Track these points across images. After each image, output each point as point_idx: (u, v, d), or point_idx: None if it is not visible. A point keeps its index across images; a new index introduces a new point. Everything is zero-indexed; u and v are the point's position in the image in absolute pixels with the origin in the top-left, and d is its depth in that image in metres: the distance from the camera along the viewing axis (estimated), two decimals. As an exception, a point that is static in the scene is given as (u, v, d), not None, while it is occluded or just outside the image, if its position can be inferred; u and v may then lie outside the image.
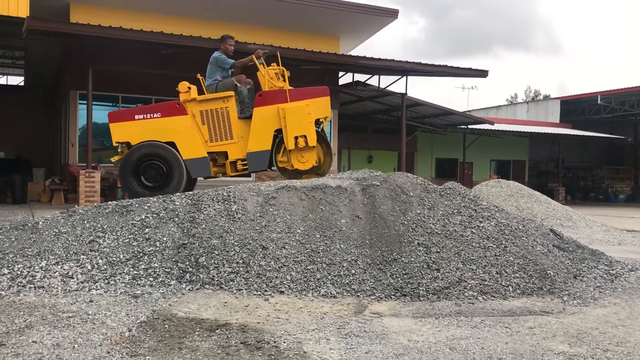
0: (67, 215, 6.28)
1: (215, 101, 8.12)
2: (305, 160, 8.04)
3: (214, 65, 8.50)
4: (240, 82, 8.40)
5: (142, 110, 8.18)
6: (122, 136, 8.08)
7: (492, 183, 16.42)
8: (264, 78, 8.19)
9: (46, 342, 3.79)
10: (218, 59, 8.48)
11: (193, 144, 8.02)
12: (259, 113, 8.00)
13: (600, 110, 30.81)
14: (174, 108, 8.06)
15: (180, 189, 7.80)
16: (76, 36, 13.26)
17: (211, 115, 8.08)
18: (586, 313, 5.19)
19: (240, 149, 8.15)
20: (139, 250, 5.60)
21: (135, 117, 8.05)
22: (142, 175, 7.97)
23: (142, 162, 7.95)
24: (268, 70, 8.22)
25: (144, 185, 7.95)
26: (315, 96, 8.12)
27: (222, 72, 8.46)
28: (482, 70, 18.10)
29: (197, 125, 8.08)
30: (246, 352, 3.77)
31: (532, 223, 7.18)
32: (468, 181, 27.11)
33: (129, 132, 8.04)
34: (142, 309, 4.68)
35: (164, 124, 8.00)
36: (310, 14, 17.87)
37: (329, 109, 8.18)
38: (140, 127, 8.01)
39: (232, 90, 8.17)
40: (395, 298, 5.35)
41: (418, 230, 6.18)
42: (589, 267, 6.55)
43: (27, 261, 5.41)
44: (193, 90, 8.13)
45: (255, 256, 5.57)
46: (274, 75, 8.23)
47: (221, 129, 8.09)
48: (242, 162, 8.18)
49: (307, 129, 7.89)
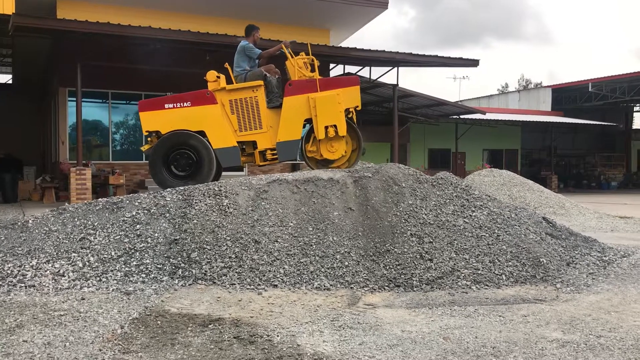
0: (57, 213, 6.22)
1: (244, 90, 8.07)
2: (335, 150, 8.03)
3: (242, 55, 8.42)
4: (269, 71, 8.35)
5: (172, 99, 8.11)
6: (152, 125, 7.99)
7: (484, 172, 16.45)
8: (293, 67, 8.14)
9: (37, 341, 3.76)
10: (246, 47, 8.40)
11: (223, 133, 7.96)
12: (288, 102, 7.96)
13: (592, 98, 30.91)
14: (204, 97, 7.99)
15: (210, 178, 7.74)
16: (63, 32, 13.14)
17: (240, 104, 8.03)
18: (579, 300, 5.20)
19: (269, 138, 8.09)
20: (130, 247, 5.56)
21: (165, 106, 7.96)
22: (172, 164, 7.92)
23: (172, 151, 7.89)
24: (297, 59, 8.17)
25: (173, 174, 7.91)
26: (345, 85, 8.10)
27: (250, 62, 8.40)
28: (473, 60, 18.08)
29: (227, 115, 8.03)
30: (239, 347, 3.75)
31: (524, 211, 7.19)
32: (461, 171, 27.15)
33: (159, 121, 7.96)
34: (134, 305, 4.65)
35: (194, 112, 7.93)
36: (300, 6, 17.79)
37: (359, 99, 8.15)
38: (171, 116, 7.93)
39: (261, 79, 8.12)
40: (389, 289, 5.35)
41: (411, 221, 6.17)
42: (582, 254, 6.57)
43: (17, 260, 5.36)
44: (222, 79, 8.07)
45: (247, 250, 5.54)
46: (302, 65, 8.18)
47: (250, 119, 8.04)
48: (272, 151, 8.13)
49: (338, 119, 7.88)
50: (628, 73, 27.62)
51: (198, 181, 7.39)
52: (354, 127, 8.22)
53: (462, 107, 25.57)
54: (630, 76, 27.49)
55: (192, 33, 13.91)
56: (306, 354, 3.62)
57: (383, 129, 26.52)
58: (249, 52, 8.38)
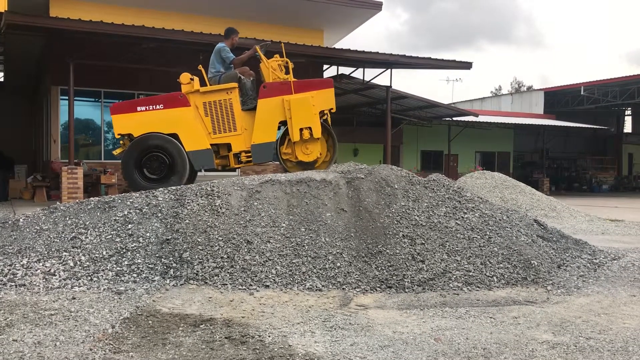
0: (48, 212, 6.19)
1: (218, 93, 8.04)
2: (310, 152, 8.02)
3: (217, 57, 8.39)
4: (243, 73, 8.33)
5: (144, 101, 8.08)
6: (124, 128, 7.96)
7: (477, 175, 16.51)
8: (267, 70, 8.12)
9: (27, 340, 3.74)
10: (222, 50, 8.36)
11: (196, 135, 7.94)
12: (263, 105, 7.95)
13: (584, 101, 31.08)
14: (177, 99, 7.97)
15: (183, 181, 7.73)
16: (56, 31, 13.08)
17: (214, 106, 8.00)
18: (570, 302, 5.23)
19: (244, 140, 8.08)
20: (122, 247, 5.54)
21: (137, 108, 7.93)
22: (144, 167, 7.88)
23: (144, 154, 7.86)
24: (271, 62, 8.16)
25: (146, 178, 7.87)
26: (319, 88, 8.10)
27: (224, 65, 8.39)
28: (466, 62, 18.14)
29: (200, 117, 8.00)
30: (231, 347, 3.75)
31: (516, 214, 7.22)
32: (453, 173, 27.24)
33: (131, 124, 7.93)
34: (125, 305, 4.64)
35: (167, 115, 7.91)
36: (294, 7, 17.79)
37: (334, 101, 8.15)
38: (143, 118, 7.90)
39: (235, 82, 8.10)
40: (381, 290, 5.36)
41: (403, 222, 6.18)
42: (573, 256, 6.60)
43: (7, 259, 5.33)
44: (196, 81, 8.04)
45: (239, 251, 5.54)
46: (277, 67, 8.17)
47: (224, 121, 8.02)
48: (246, 153, 8.12)
49: (312, 121, 7.87)
50: (620, 77, 27.81)
51: (171, 184, 7.35)
52: (328, 129, 8.19)
53: (455, 109, 25.64)
54: (622, 80, 27.67)
55: (185, 32, 13.88)
56: (298, 354, 3.62)
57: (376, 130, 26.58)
58: (224, 55, 8.34)
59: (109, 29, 13.10)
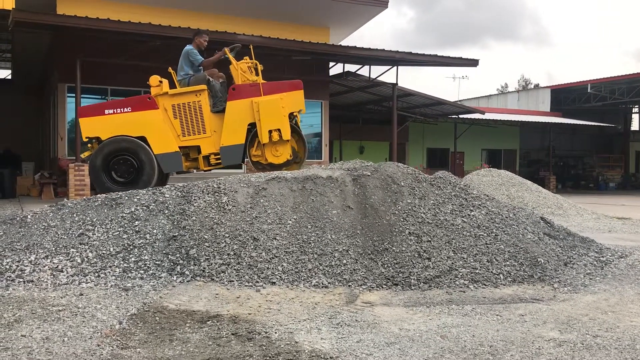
0: (56, 208, 6.23)
1: (187, 95, 8.01)
2: (280, 154, 7.97)
3: (185, 59, 8.36)
4: (212, 76, 8.29)
5: (112, 104, 8.06)
6: (92, 131, 7.93)
7: (483, 172, 16.47)
8: (237, 72, 8.09)
9: (36, 335, 3.77)
10: (190, 53, 8.33)
11: (164, 138, 7.91)
12: (232, 107, 7.91)
13: (591, 99, 30.96)
14: (145, 102, 7.94)
15: (151, 184, 7.66)
16: (63, 28, 13.14)
17: (183, 109, 7.97)
18: (576, 300, 5.21)
19: (213, 143, 8.04)
20: (129, 243, 5.56)
21: (105, 111, 7.90)
22: (112, 170, 7.85)
23: (112, 158, 7.83)
24: (240, 64, 8.12)
25: (114, 181, 7.84)
26: (288, 90, 8.05)
27: (193, 67, 8.35)
28: (472, 60, 18.11)
29: (169, 120, 7.97)
30: (237, 343, 3.76)
31: (522, 211, 7.21)
32: (459, 171, 27.19)
33: (98, 127, 7.90)
34: (132, 301, 4.66)
35: (135, 118, 7.87)
36: (300, 4, 17.78)
37: (303, 103, 8.10)
38: (111, 121, 7.86)
39: (204, 84, 8.08)
40: (387, 287, 5.36)
41: (409, 220, 6.18)
42: (580, 254, 6.59)
43: (15, 255, 5.36)
44: (165, 83, 8.01)
45: (246, 247, 5.55)
46: (247, 69, 8.12)
47: (194, 123, 7.99)
48: (216, 156, 8.08)
49: (281, 123, 7.83)
50: (627, 74, 27.66)
51: (139, 187, 7.29)
52: (298, 131, 8.17)
53: (461, 106, 25.60)
54: (629, 77, 27.52)
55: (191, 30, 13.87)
56: (304, 350, 3.63)
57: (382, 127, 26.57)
58: (192, 58, 8.32)
59: (115, 27, 13.16)
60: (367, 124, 28.08)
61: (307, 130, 19.97)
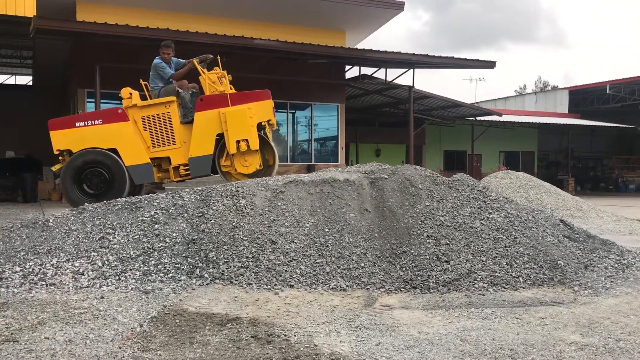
0: (77, 212, 6.31)
1: (157, 107, 8.06)
2: (249, 164, 7.98)
3: (155, 73, 8.40)
4: (182, 87, 8.32)
5: (83, 117, 8.13)
6: (62, 144, 8.00)
7: (501, 174, 16.36)
8: (205, 82, 8.11)
9: (58, 338, 3.82)
10: (158, 66, 8.37)
11: (135, 150, 7.95)
12: (200, 117, 7.94)
13: (610, 100, 30.60)
14: (116, 114, 8.00)
15: (122, 195, 7.65)
16: (83, 34, 13.30)
17: (153, 120, 8.02)
18: (598, 303, 5.16)
19: (182, 154, 8.08)
20: (148, 247, 5.62)
21: (76, 124, 7.97)
22: (84, 183, 7.90)
23: (83, 170, 7.88)
24: (209, 74, 8.13)
25: (85, 193, 7.88)
26: (257, 99, 8.05)
27: (163, 80, 8.38)
28: (489, 62, 17.99)
29: (139, 131, 8.01)
30: (257, 346, 3.78)
31: (541, 214, 7.15)
32: (477, 173, 27.02)
33: (69, 140, 7.97)
34: (152, 304, 4.70)
35: (106, 130, 7.93)
36: (316, 8, 17.82)
37: (271, 112, 8.09)
38: (81, 134, 7.93)
39: (174, 95, 8.10)
40: (405, 290, 5.35)
41: (427, 223, 6.16)
42: (600, 257, 6.51)
43: (38, 259, 5.44)
44: (135, 95, 8.06)
45: (264, 250, 5.58)
46: (216, 79, 8.13)
47: (163, 135, 8.02)
48: (185, 167, 8.11)
49: (249, 133, 7.82)
50: (647, 75, 27.30)
51: (111, 199, 7.26)
52: (266, 141, 8.14)
53: (478, 108, 25.44)
54: (649, 78, 27.17)
55: (209, 35, 14.02)
56: (323, 353, 3.64)
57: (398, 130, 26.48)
58: (160, 72, 8.34)
59: (133, 32, 13.30)
60: (384, 126, 28.03)
61: (323, 134, 20.02)
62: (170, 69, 8.40)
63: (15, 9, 13.39)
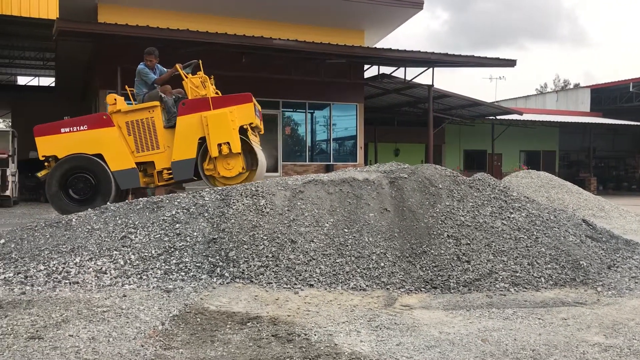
0: (99, 212, 6.39)
1: (140, 112, 8.12)
2: (231, 167, 7.97)
3: (139, 79, 8.47)
4: (165, 92, 8.38)
5: (68, 123, 8.17)
6: (48, 150, 8.06)
7: (522, 174, 16.21)
8: (187, 86, 8.16)
9: (82, 335, 3.87)
10: (141, 72, 8.44)
11: (121, 155, 8.01)
12: (182, 121, 7.97)
13: (633, 98, 30.14)
14: (101, 120, 8.07)
15: (108, 201, 7.73)
16: (104, 36, 13.47)
17: (137, 125, 8.08)
18: (621, 304, 5.09)
19: (166, 158, 8.11)
20: (170, 246, 5.67)
21: (61, 130, 8.03)
22: (70, 188, 7.96)
23: (69, 176, 7.95)
24: (192, 78, 8.18)
25: (71, 199, 7.95)
26: (239, 103, 8.05)
27: (147, 85, 8.45)
28: (509, 60, 17.84)
29: (124, 137, 8.09)
30: (277, 345, 3.79)
31: (563, 213, 7.07)
32: (497, 172, 26.80)
33: (55, 146, 8.03)
34: (174, 303, 4.74)
35: (91, 136, 8.00)
36: (335, 8, 17.83)
37: (253, 116, 8.08)
38: (67, 140, 8.00)
39: (157, 100, 8.16)
40: (426, 290, 5.32)
41: (447, 222, 6.13)
42: (624, 257, 6.42)
43: (61, 257, 5.52)
44: (119, 101, 8.13)
45: (284, 250, 5.59)
46: (199, 84, 8.17)
47: (147, 139, 8.07)
48: (168, 171, 8.15)
49: (230, 136, 7.83)
50: (672, 72, 26.84)
51: (95, 205, 7.30)
52: (249, 144, 8.11)
53: (498, 107, 25.22)
54: (674, 75, 26.70)
55: (229, 36, 14.09)
56: (344, 353, 3.64)
57: (417, 129, 26.39)
58: (144, 78, 8.40)
59: (154, 34, 13.43)
60: (403, 126, 27.94)
61: (342, 133, 20.01)
62: (154, 74, 8.50)
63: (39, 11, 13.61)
